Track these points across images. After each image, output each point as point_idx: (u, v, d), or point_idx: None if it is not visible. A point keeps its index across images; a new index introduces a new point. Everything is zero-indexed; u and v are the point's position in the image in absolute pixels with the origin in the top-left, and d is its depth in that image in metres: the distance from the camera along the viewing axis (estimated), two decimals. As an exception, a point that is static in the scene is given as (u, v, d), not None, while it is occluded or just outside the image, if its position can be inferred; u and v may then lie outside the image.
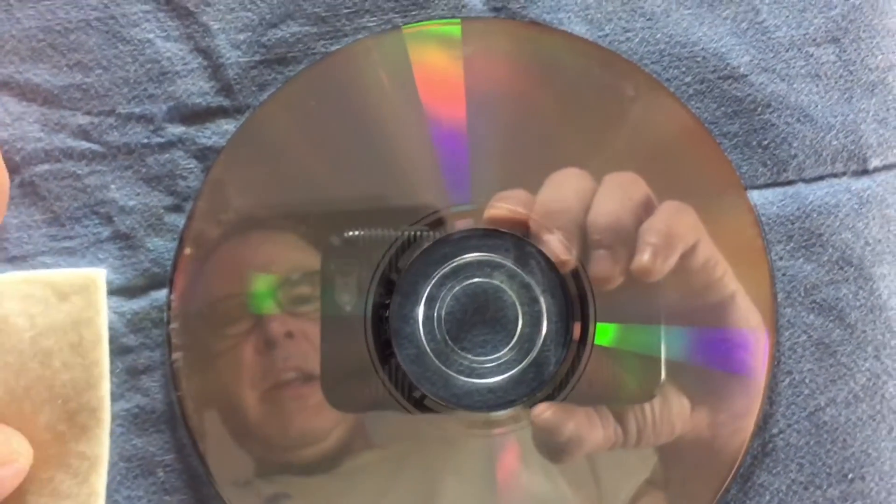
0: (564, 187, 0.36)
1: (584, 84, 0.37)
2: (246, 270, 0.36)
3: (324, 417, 0.35)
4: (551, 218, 0.35)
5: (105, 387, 0.34)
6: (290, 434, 0.35)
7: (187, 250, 0.36)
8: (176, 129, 0.37)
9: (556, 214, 0.35)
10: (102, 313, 0.34)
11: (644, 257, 0.35)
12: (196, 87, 0.37)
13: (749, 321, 0.36)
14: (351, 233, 0.35)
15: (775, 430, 0.36)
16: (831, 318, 0.37)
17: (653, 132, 0.37)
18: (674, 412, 0.35)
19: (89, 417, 0.33)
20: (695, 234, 0.35)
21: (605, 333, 0.35)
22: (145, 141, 0.37)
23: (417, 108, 0.36)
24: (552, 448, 0.35)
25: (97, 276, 0.34)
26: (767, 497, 0.36)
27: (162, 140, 0.37)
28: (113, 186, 0.36)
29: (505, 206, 0.36)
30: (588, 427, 0.34)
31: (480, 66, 0.37)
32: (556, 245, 0.35)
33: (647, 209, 0.35)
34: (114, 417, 0.36)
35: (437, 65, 0.37)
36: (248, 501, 0.35)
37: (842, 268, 0.37)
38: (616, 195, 0.35)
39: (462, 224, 0.36)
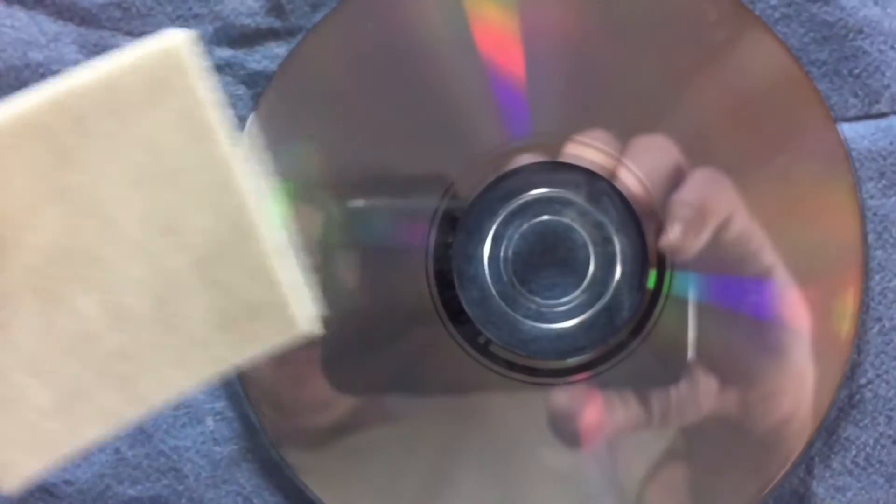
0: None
1: (656, 9, 0.36)
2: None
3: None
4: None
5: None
6: (302, 400, 0.35)
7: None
8: (223, 53, 0.37)
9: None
10: (198, 78, 0.27)
11: (674, 233, 0.35)
12: (245, 7, 0.37)
13: (786, 297, 0.35)
14: (357, 203, 0.35)
15: (863, 381, 0.36)
16: (925, 261, 0.37)
17: (736, 61, 0.36)
18: (700, 392, 0.35)
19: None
20: (729, 206, 0.35)
21: (682, 283, 0.35)
22: (191, 65, 0.37)
23: (470, 39, 0.36)
24: (571, 434, 0.35)
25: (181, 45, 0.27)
26: (854, 451, 0.36)
27: (208, 64, 0.36)
28: (156, 114, 0.37)
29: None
30: (608, 411, 0.34)
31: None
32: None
33: (677, 177, 0.35)
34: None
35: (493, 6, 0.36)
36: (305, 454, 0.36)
37: None
38: (643, 162, 0.35)
39: (526, 158, 0.36)
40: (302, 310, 0.27)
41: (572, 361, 0.35)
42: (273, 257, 0.27)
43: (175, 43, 0.27)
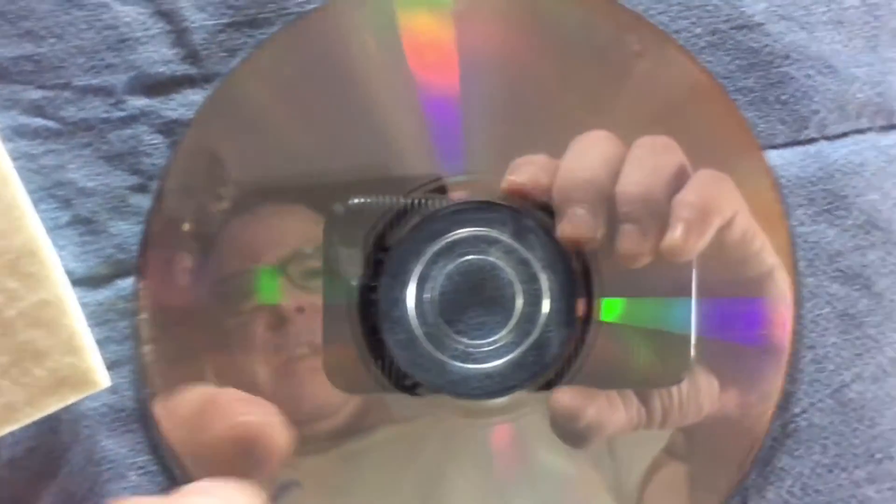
0: (590, 152, 0.35)
1: (584, 40, 0.37)
2: (242, 251, 0.36)
3: (334, 392, 0.36)
4: (576, 188, 0.35)
5: (33, 224, 0.33)
6: (303, 408, 0.36)
7: (154, 234, 0.36)
8: (138, 102, 0.37)
9: (580, 184, 0.35)
10: None
11: (676, 234, 0.34)
12: (159, 55, 0.37)
13: (787, 297, 0.36)
14: (356, 200, 0.36)
15: (797, 410, 0.37)
16: (857, 286, 0.37)
17: (660, 90, 0.36)
18: (702, 392, 0.35)
19: (32, 262, 0.33)
20: (732, 206, 0.35)
21: (613, 309, 0.36)
22: (105, 115, 0.37)
23: (405, 70, 0.36)
24: (572, 434, 0.35)
25: None
26: (790, 481, 0.37)
27: (123, 114, 0.37)
28: (71, 166, 0.36)
29: (523, 174, 0.36)
30: (610, 411, 0.35)
31: (472, 23, 0.36)
32: (582, 220, 0.35)
33: (680, 178, 0.35)
34: (81, 418, 0.36)
35: (426, 23, 0.36)
36: None
37: (868, 232, 0.37)
38: (647, 162, 0.35)
39: (454, 196, 0.36)
40: (101, 370, 0.33)
41: (503, 401, 0.36)
42: (82, 327, 0.32)
43: None
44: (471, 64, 0.36)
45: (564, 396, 0.35)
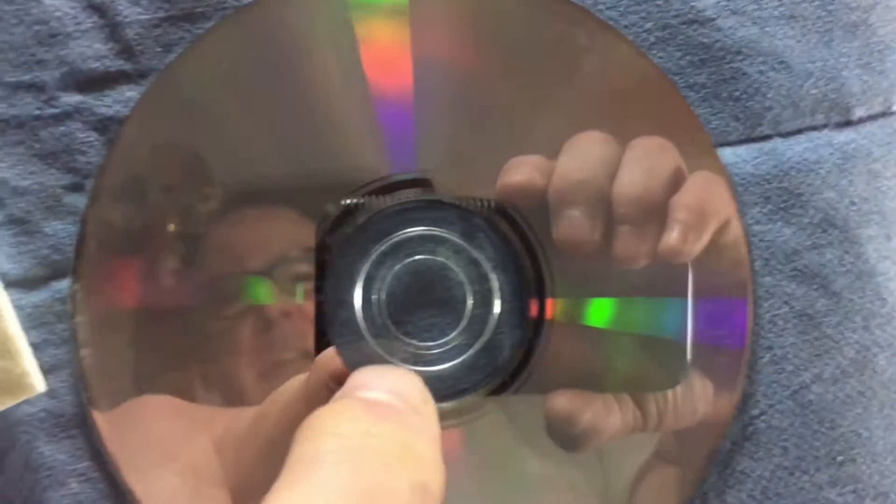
0: (586, 153, 0.35)
1: (533, 36, 0.36)
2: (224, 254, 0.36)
3: None
4: (572, 190, 0.35)
5: None
6: None
7: (91, 234, 0.36)
8: (71, 98, 0.36)
9: (577, 185, 0.35)
10: None
11: (673, 236, 0.35)
12: (92, 50, 0.36)
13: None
14: (349, 200, 0.35)
15: (756, 412, 0.36)
16: (814, 286, 0.37)
17: (610, 86, 0.36)
18: (696, 396, 0.35)
19: None
20: (728, 209, 0.36)
21: (568, 310, 0.36)
22: (37, 112, 0.36)
23: (351, 65, 0.36)
24: (568, 438, 0.35)
25: None
26: (750, 485, 0.36)
27: (56, 111, 0.36)
28: (3, 165, 0.36)
29: (520, 175, 0.35)
30: (606, 415, 0.35)
31: (423, 19, 0.36)
32: (579, 222, 0.35)
33: (676, 180, 0.35)
34: (18, 423, 0.35)
35: (375, 16, 0.36)
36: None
37: (825, 230, 0.37)
38: (644, 163, 0.35)
39: (403, 194, 0.36)
40: (36, 374, 0.33)
41: (453, 404, 0.35)
42: (16, 330, 0.32)
43: None
44: (420, 59, 0.36)
45: (561, 400, 0.35)
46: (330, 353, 0.35)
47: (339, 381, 0.32)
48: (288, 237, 0.36)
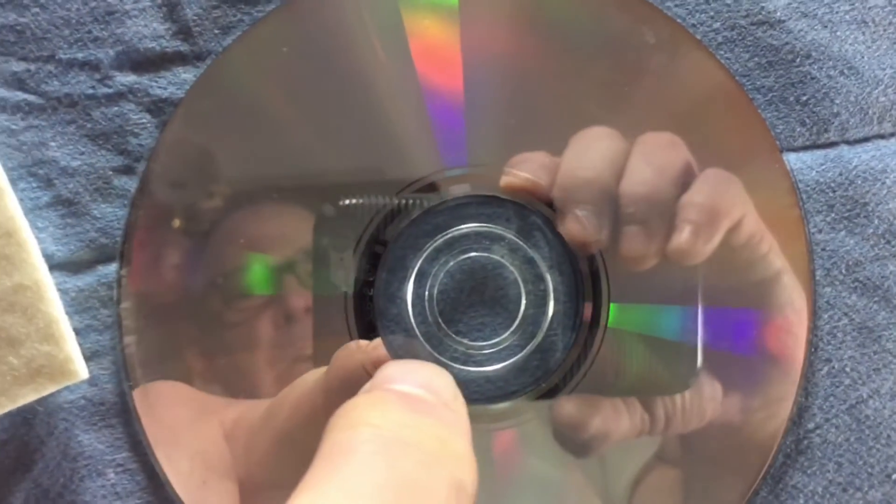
0: (592, 150, 0.35)
1: (596, 32, 0.36)
2: (246, 246, 0.36)
3: None
4: (578, 187, 0.35)
5: (11, 204, 0.33)
6: None
7: (141, 219, 0.35)
8: (126, 78, 0.36)
9: (583, 183, 0.35)
10: None
11: (683, 237, 0.34)
12: (149, 30, 0.36)
13: (794, 302, 0.36)
14: (346, 201, 0.35)
15: (811, 426, 0.36)
16: (876, 298, 0.37)
17: (675, 86, 0.36)
18: (706, 399, 0.35)
19: (8, 243, 0.33)
20: (740, 208, 0.35)
21: (622, 315, 0.35)
22: (90, 91, 0.36)
23: (406, 57, 0.35)
24: (576, 444, 0.35)
25: None
26: (801, 500, 0.36)
27: (109, 90, 0.36)
28: (53, 144, 0.36)
29: (522, 172, 0.35)
30: (614, 419, 0.34)
31: (479, 11, 0.36)
32: (585, 220, 0.35)
33: (686, 177, 0.35)
34: (57, 410, 0.35)
35: (431, 9, 0.36)
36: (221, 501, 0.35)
37: (889, 241, 0.37)
38: (652, 160, 0.35)
39: (456, 190, 0.35)
40: (79, 360, 0.33)
41: (502, 406, 0.35)
42: (60, 314, 0.32)
43: None
44: (475, 53, 0.36)
45: (569, 406, 0.34)
46: (351, 346, 0.34)
47: (353, 378, 0.32)
48: (336, 230, 0.35)
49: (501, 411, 0.35)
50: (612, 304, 0.35)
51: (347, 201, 0.35)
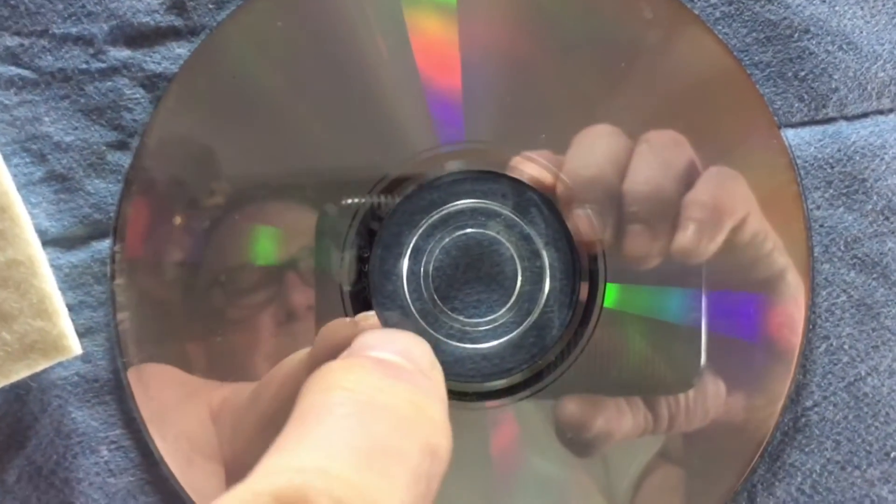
0: (595, 149, 0.35)
1: (593, 9, 0.36)
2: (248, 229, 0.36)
3: None
4: (581, 187, 0.35)
5: (4, 180, 0.33)
6: None
7: (134, 194, 0.35)
8: (120, 53, 0.36)
9: (587, 182, 0.35)
10: None
11: (686, 236, 0.35)
12: (143, 4, 0.36)
13: (798, 299, 0.36)
14: (349, 200, 0.35)
15: (809, 403, 0.36)
16: (874, 275, 0.37)
17: (673, 62, 0.36)
18: (709, 397, 0.35)
19: (0, 219, 0.33)
20: (744, 206, 0.35)
21: (621, 296, 0.35)
22: (84, 66, 0.36)
23: (403, 30, 0.35)
24: (579, 443, 0.35)
25: None
26: (799, 478, 0.36)
27: (103, 65, 0.36)
28: (46, 119, 0.36)
29: (527, 171, 0.35)
30: (617, 419, 0.35)
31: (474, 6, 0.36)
32: (588, 220, 0.35)
33: (690, 175, 0.35)
34: (50, 387, 0.35)
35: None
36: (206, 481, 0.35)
37: (888, 218, 0.37)
38: (656, 158, 0.35)
39: (452, 166, 0.35)
40: (72, 336, 0.33)
41: (498, 384, 0.35)
42: (53, 289, 0.33)
43: None
44: (473, 29, 0.36)
45: (571, 406, 0.35)
46: (337, 322, 0.34)
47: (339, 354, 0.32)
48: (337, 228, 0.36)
49: (496, 389, 0.35)
50: (608, 284, 0.35)
51: (349, 200, 0.35)
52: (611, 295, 0.35)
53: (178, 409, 0.35)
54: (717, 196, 0.35)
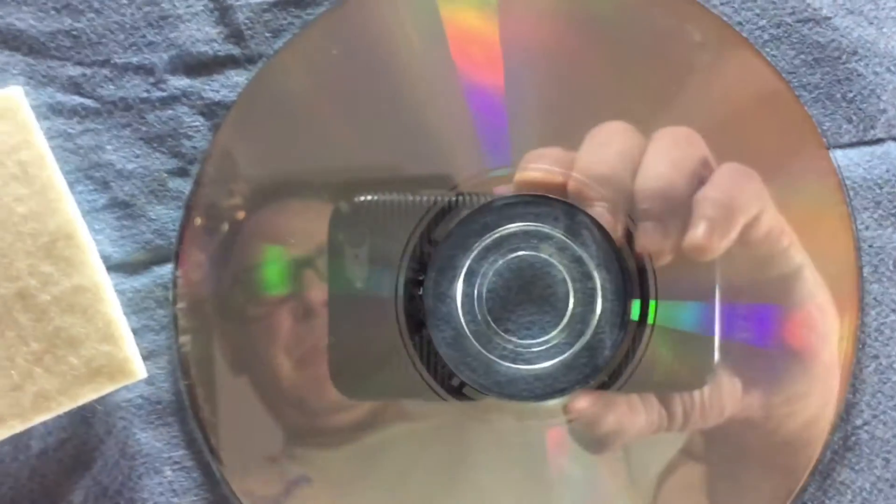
0: (608, 146, 0.35)
1: (642, 31, 0.37)
2: (269, 241, 0.36)
3: None
4: (593, 183, 0.35)
5: (69, 207, 0.34)
6: (323, 400, 0.36)
7: (196, 220, 0.36)
8: (179, 82, 0.37)
9: (599, 179, 0.35)
10: (34, 131, 0.34)
11: (698, 232, 0.35)
12: (202, 34, 0.37)
13: (816, 297, 0.36)
14: (362, 198, 0.36)
15: (859, 422, 0.37)
16: (924, 295, 0.37)
17: (722, 84, 0.37)
18: (724, 395, 0.35)
19: (67, 246, 0.33)
20: (758, 203, 0.35)
21: (662, 313, 0.36)
22: (145, 95, 0.37)
23: (449, 60, 0.36)
24: (592, 440, 0.35)
25: (13, 95, 0.34)
26: (850, 496, 0.37)
27: (164, 94, 0.37)
28: (109, 147, 0.37)
29: (538, 167, 0.36)
30: (630, 416, 0.35)
31: (519, 12, 0.37)
32: (601, 218, 0.35)
33: (703, 172, 0.35)
34: (115, 409, 0.36)
35: (471, 12, 0.37)
36: (266, 494, 0.36)
37: None
38: (668, 155, 0.35)
39: (502, 190, 0.36)
40: (137, 360, 0.34)
41: (552, 403, 0.36)
42: (118, 314, 0.33)
43: (9, 94, 0.34)
44: (516, 54, 0.37)
45: (582, 402, 0.35)
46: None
47: None
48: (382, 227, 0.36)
49: (552, 409, 0.36)
50: (652, 302, 0.36)
51: (363, 198, 0.36)
52: (654, 312, 0.36)
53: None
54: (730, 193, 0.35)
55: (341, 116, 0.37)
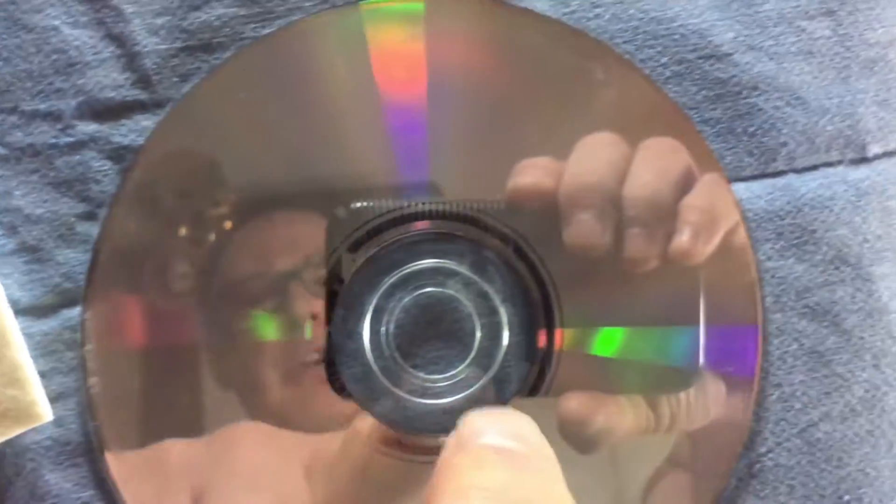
0: (597, 156, 0.36)
1: (550, 67, 0.38)
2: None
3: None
4: (582, 192, 0.36)
5: None
6: (311, 416, 0.37)
7: (103, 263, 0.37)
8: (87, 127, 0.37)
9: (588, 188, 0.36)
10: None
11: (684, 238, 0.36)
12: (109, 80, 0.37)
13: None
14: (358, 204, 0.37)
15: (763, 450, 0.37)
16: (825, 323, 0.38)
17: (625, 119, 0.37)
18: (710, 396, 0.36)
19: None
20: (738, 212, 0.37)
21: (576, 339, 0.37)
22: (53, 141, 0.37)
23: (371, 93, 0.37)
24: (581, 440, 0.36)
25: None
26: (755, 524, 0.37)
27: (72, 139, 0.37)
28: (17, 193, 0.37)
29: (529, 177, 0.36)
30: (619, 416, 0.36)
31: (439, 42, 0.37)
32: (589, 225, 0.36)
33: (687, 182, 0.36)
34: (24, 451, 0.36)
35: (395, 45, 0.37)
36: None
37: (837, 268, 0.38)
38: (654, 164, 0.36)
39: (418, 226, 0.37)
40: (44, 403, 0.34)
41: None
42: (25, 358, 0.33)
43: None
44: (437, 82, 0.37)
45: (573, 403, 0.36)
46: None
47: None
48: (298, 250, 0.37)
49: None
50: (565, 331, 0.37)
51: (357, 204, 0.37)
52: (569, 341, 0.37)
53: (271, 471, 0.36)
54: (713, 200, 0.36)
55: (251, 158, 0.37)
